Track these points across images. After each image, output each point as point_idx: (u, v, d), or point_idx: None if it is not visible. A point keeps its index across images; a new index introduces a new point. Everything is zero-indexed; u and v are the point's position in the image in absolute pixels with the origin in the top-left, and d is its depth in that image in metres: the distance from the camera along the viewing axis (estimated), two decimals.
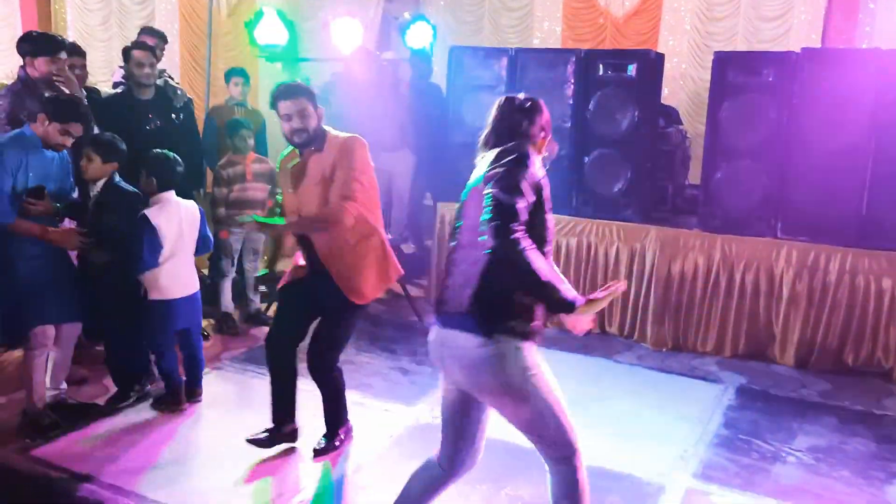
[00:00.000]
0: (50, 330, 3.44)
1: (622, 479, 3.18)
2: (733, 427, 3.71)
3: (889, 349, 4.36)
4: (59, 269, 3.49)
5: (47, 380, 3.54)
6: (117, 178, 3.64)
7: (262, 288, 5.26)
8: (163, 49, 5.14)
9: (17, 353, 4.06)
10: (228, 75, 5.70)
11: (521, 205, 2.07)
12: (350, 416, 3.64)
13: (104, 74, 8.14)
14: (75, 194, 3.66)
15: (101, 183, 3.59)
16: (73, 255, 3.61)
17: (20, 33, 10.03)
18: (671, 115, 5.72)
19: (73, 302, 3.51)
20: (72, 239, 3.44)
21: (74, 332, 3.62)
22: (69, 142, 3.39)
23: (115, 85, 5.29)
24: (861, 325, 4.40)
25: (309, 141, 3.07)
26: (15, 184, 3.27)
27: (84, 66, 4.61)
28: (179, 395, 3.72)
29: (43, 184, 3.36)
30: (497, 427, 3.61)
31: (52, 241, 3.39)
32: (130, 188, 3.66)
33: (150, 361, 3.88)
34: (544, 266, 2.06)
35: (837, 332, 4.45)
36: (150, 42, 4.97)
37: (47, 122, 3.31)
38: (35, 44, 3.84)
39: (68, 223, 3.66)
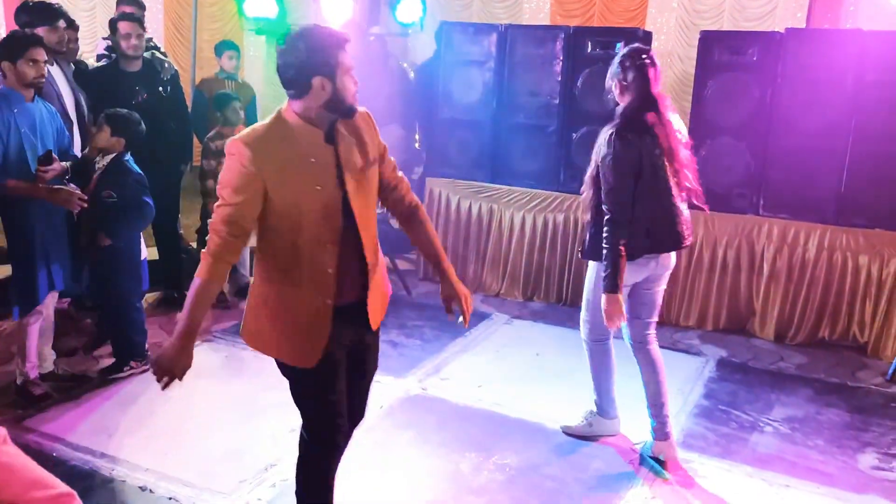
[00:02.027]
0: (50, 298, 3.47)
1: (606, 448, 3.28)
2: (713, 398, 3.82)
3: (864, 324, 4.49)
4: (60, 236, 3.50)
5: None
6: (127, 156, 3.66)
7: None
8: (143, 16, 5.09)
9: (5, 325, 4.08)
10: (221, 48, 5.65)
11: None
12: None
13: (88, 45, 8.03)
14: (76, 151, 3.68)
15: (108, 157, 3.62)
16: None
17: (1, 3, 9.88)
18: None
19: (70, 270, 3.55)
20: (61, 196, 3.30)
21: (55, 298, 3.64)
22: (43, 69, 3.32)
23: (100, 57, 5.23)
24: (838, 301, 4.52)
25: None
26: (8, 144, 3.22)
27: (77, 40, 4.57)
28: None
29: (36, 136, 3.32)
30: (485, 398, 3.72)
31: (42, 198, 3.31)
32: (136, 169, 3.69)
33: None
34: None
35: (815, 307, 4.56)
36: (129, 10, 4.92)
37: (12, 68, 3.25)
38: (33, 14, 3.81)
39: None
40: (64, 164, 3.41)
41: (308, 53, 1.99)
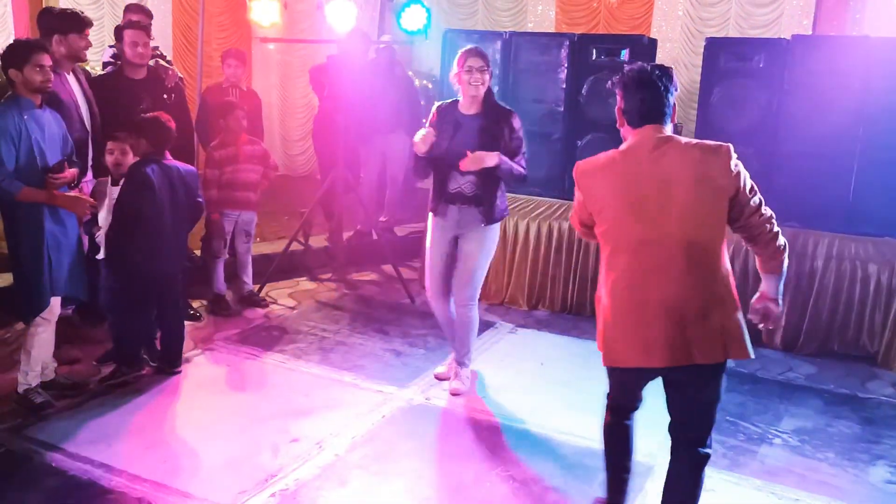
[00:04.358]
0: (56, 304, 3.46)
1: None
2: (721, 409, 3.69)
3: (874, 333, 4.43)
4: (71, 242, 3.49)
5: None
6: (150, 159, 3.72)
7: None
8: (150, 24, 5.11)
9: (7, 332, 4.07)
10: (224, 56, 5.67)
11: None
12: (343, 397, 3.68)
13: (96, 55, 8.07)
14: (89, 161, 3.76)
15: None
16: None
17: (10, 12, 9.95)
18: None
19: (82, 277, 3.55)
20: (79, 204, 3.38)
21: (58, 306, 3.63)
22: (49, 74, 3.33)
23: (105, 65, 5.24)
24: (847, 310, 4.46)
25: None
26: (20, 150, 3.23)
27: None
28: None
29: (45, 142, 3.33)
30: (489, 408, 3.67)
31: (59, 205, 3.35)
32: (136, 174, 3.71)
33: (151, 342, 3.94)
34: None
35: (824, 317, 4.51)
36: (136, 19, 4.93)
37: (19, 75, 3.26)
38: (65, 20, 3.85)
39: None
40: (73, 171, 3.45)
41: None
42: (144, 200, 3.65)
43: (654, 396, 3.82)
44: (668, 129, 2.30)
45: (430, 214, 3.68)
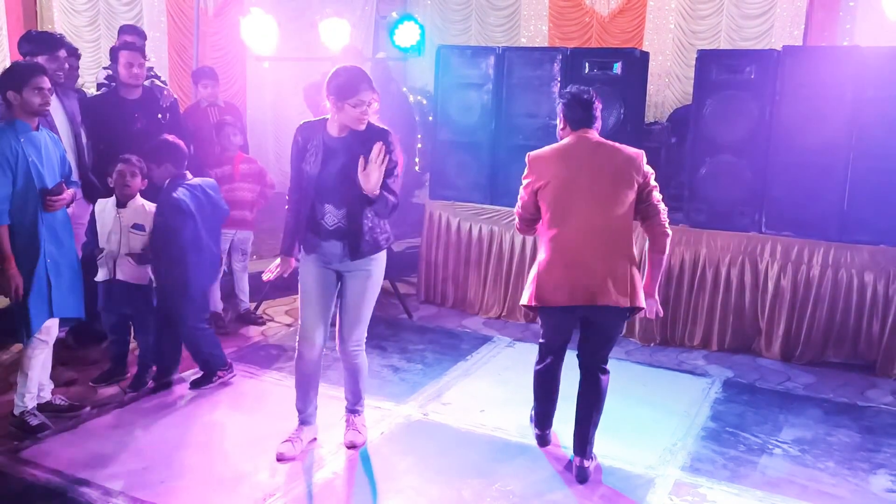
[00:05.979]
0: (54, 326, 3.45)
1: (612, 473, 3.21)
2: (720, 420, 3.76)
3: (872, 342, 4.43)
4: (69, 263, 3.49)
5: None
6: (178, 182, 3.78)
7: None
8: (144, 45, 5.11)
9: (5, 355, 4.06)
10: (197, 77, 5.49)
11: None
12: (341, 414, 3.67)
13: (92, 75, 8.11)
14: (74, 177, 3.70)
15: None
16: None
17: (5, 34, 10.01)
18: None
19: (80, 297, 3.55)
20: (10, 283, 3.26)
21: (56, 328, 3.62)
22: (48, 97, 3.32)
23: (100, 86, 5.27)
24: (844, 319, 4.46)
25: None
26: (17, 173, 3.24)
27: (77, 67, 4.60)
28: None
29: (42, 164, 3.33)
30: (487, 423, 3.66)
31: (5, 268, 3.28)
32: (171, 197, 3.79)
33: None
34: None
35: (822, 326, 4.51)
36: (131, 40, 4.95)
37: (17, 97, 3.27)
38: (34, 43, 3.86)
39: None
40: (71, 191, 3.47)
41: None
42: (184, 227, 3.72)
43: (644, 406, 3.83)
44: (595, 133, 3.10)
45: (303, 252, 3.24)
